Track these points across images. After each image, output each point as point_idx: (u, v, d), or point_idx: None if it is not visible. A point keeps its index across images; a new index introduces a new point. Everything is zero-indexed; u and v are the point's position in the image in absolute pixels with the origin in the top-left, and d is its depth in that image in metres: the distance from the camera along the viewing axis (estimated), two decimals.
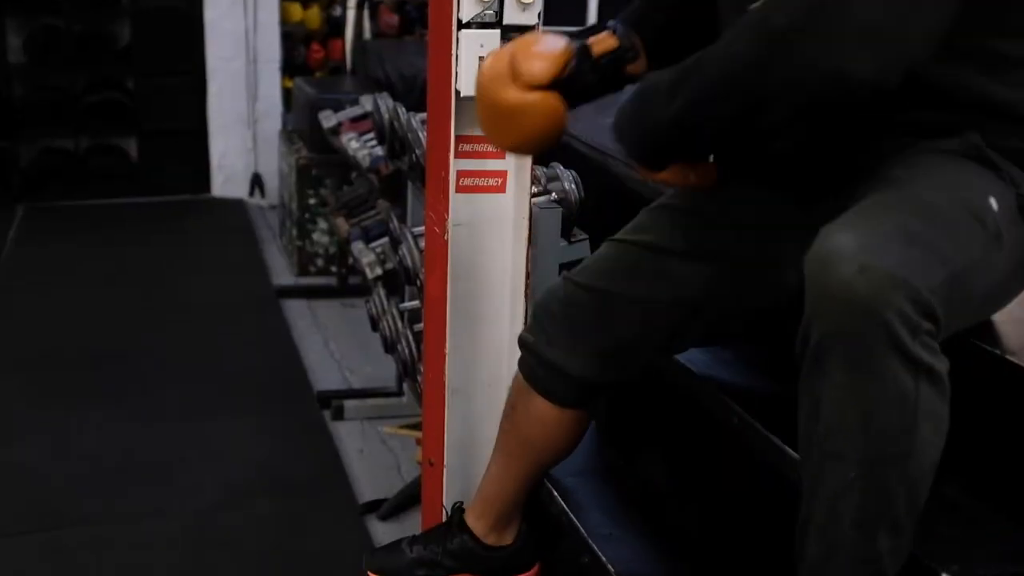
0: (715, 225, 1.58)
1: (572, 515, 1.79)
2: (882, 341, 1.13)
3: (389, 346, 2.85)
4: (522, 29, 1.67)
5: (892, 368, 1.14)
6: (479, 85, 1.52)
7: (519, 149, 1.63)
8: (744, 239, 1.56)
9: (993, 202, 1.32)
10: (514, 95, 1.47)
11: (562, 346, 1.62)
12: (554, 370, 1.63)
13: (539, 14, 1.66)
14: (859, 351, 1.15)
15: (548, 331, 1.64)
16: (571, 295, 1.62)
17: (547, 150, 1.62)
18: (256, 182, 5.95)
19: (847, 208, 1.27)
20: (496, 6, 1.62)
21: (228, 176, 6.02)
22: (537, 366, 1.64)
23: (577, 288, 1.62)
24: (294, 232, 4.75)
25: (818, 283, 1.17)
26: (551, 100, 1.47)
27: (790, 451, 1.42)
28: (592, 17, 6.07)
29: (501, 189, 1.83)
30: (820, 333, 1.18)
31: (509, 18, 1.64)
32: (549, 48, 1.48)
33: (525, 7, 1.64)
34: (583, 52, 1.48)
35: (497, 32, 1.64)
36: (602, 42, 1.51)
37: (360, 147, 3.47)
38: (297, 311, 4.31)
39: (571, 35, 1.53)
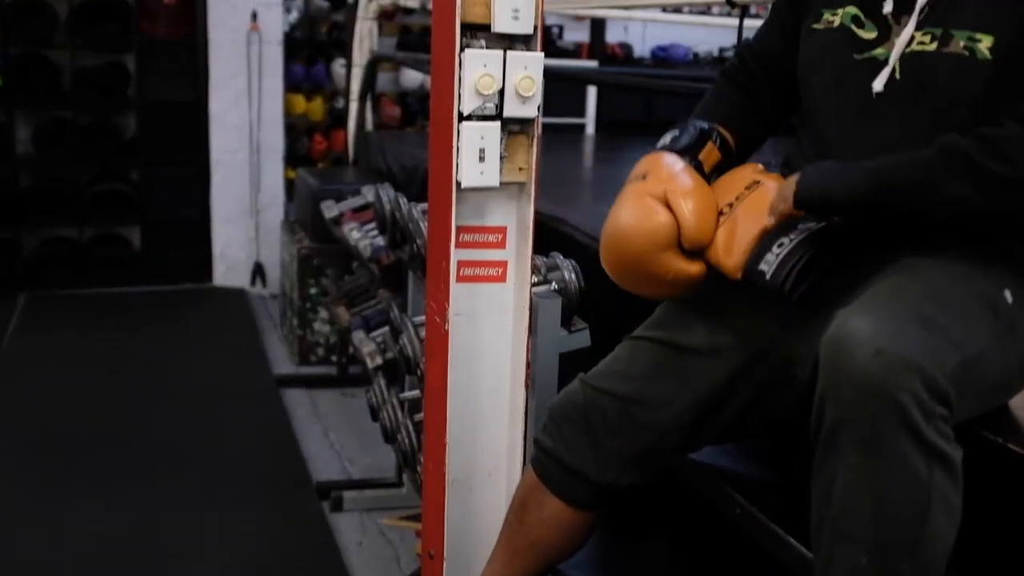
0: (733, 319, 1.58)
1: None
2: (895, 424, 1.13)
3: (389, 436, 2.83)
4: (522, 122, 1.69)
5: (905, 451, 1.13)
6: (624, 242, 1.51)
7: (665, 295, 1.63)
8: (763, 331, 1.56)
9: (1008, 293, 1.33)
10: (679, 265, 1.49)
11: (582, 451, 1.60)
12: (573, 474, 1.61)
13: (538, 107, 1.68)
14: (873, 433, 1.14)
15: (566, 435, 1.62)
16: (591, 400, 1.61)
17: None
18: (258, 271, 5.98)
19: (860, 291, 1.28)
20: (496, 99, 1.64)
21: (230, 266, 6.05)
22: (554, 469, 1.63)
23: (597, 393, 1.60)
24: (295, 321, 4.76)
25: (833, 366, 1.18)
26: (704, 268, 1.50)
27: (793, 542, 1.40)
28: (591, 110, 6.16)
29: (501, 279, 1.84)
30: (834, 415, 1.18)
31: (509, 111, 1.66)
32: (707, 204, 1.48)
33: (525, 100, 1.66)
34: (699, 170, 1.51)
35: (497, 124, 1.66)
36: (709, 155, 1.53)
37: (361, 237, 3.49)
38: (297, 400, 4.29)
39: (675, 148, 1.55)
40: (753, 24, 2.79)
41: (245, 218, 6.00)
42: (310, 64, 6.62)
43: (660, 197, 1.49)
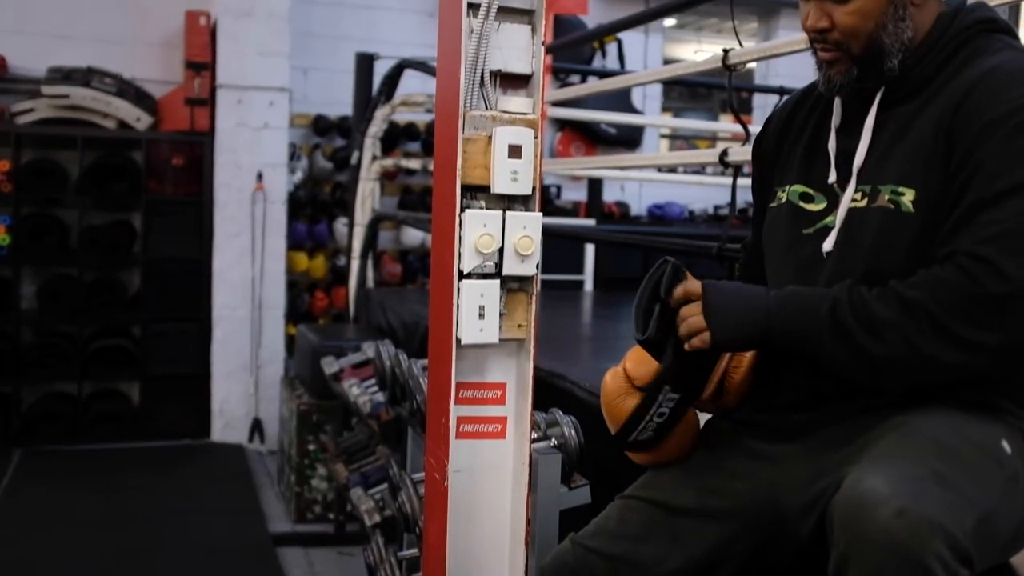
0: (724, 479, 1.58)
1: None
2: None
3: None
4: (521, 280, 1.72)
5: None
6: (603, 406, 1.68)
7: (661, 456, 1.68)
8: (754, 490, 1.56)
9: (1006, 445, 1.34)
10: (633, 402, 1.61)
11: None
12: None
13: (537, 265, 1.72)
14: None
15: None
16: (581, 559, 1.60)
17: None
18: (256, 427, 5.95)
19: (861, 452, 1.29)
20: (496, 258, 1.68)
21: (228, 421, 6.03)
22: None
23: (588, 553, 1.60)
24: (292, 478, 4.71)
25: (853, 527, 1.17)
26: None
27: None
28: (589, 267, 6.25)
29: (501, 435, 1.84)
30: None
31: (508, 269, 1.69)
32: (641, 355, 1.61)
33: (524, 259, 1.69)
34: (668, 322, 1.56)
35: (497, 282, 1.69)
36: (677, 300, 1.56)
37: (361, 393, 3.50)
38: (293, 559, 4.20)
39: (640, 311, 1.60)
40: (746, 183, 2.85)
41: (245, 374, 6.01)
42: (313, 222, 6.75)
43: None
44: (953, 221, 1.37)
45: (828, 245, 1.53)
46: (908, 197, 1.44)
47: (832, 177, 1.57)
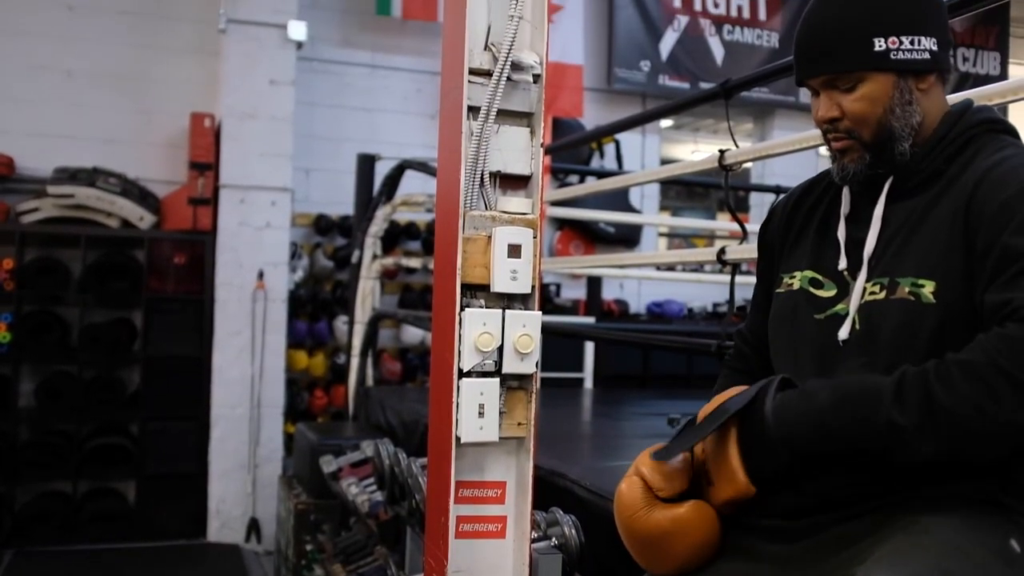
0: None
1: None
2: None
3: None
4: (520, 378, 1.72)
5: None
6: (620, 521, 1.62)
7: (686, 568, 1.61)
8: None
9: (1015, 544, 1.33)
10: (662, 513, 1.56)
11: None
12: None
13: (537, 363, 1.72)
14: None
15: None
16: None
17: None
18: (253, 527, 5.88)
19: (869, 550, 1.28)
20: (495, 356, 1.68)
21: (225, 521, 5.96)
22: None
23: None
24: None
25: None
26: (703, 509, 1.55)
27: None
28: (589, 365, 6.24)
29: (501, 535, 1.82)
30: None
31: (508, 367, 1.69)
32: (665, 466, 1.58)
33: (523, 357, 1.70)
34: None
35: (496, 380, 1.69)
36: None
37: (360, 492, 3.47)
38: None
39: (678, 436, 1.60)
40: (744, 280, 2.88)
41: (242, 472, 5.96)
42: (313, 321, 6.77)
43: (632, 471, 1.64)
44: (999, 286, 1.37)
45: (844, 333, 1.53)
46: (928, 288, 1.45)
47: (842, 264, 1.59)
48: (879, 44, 1.52)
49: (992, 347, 1.31)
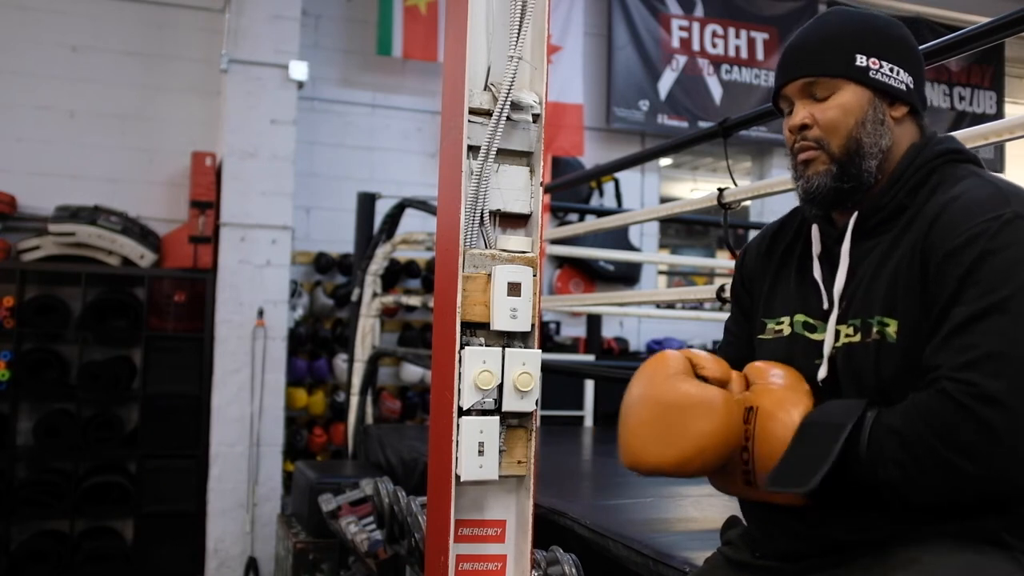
0: None
1: None
2: None
3: None
4: (520, 416, 1.73)
5: None
6: (644, 380, 1.55)
7: (686, 463, 1.50)
8: None
9: None
10: (694, 387, 1.51)
11: None
12: None
13: (536, 401, 1.72)
14: None
15: None
16: None
17: (710, 471, 1.55)
18: (251, 567, 5.84)
19: None
20: (495, 394, 1.68)
21: (223, 560, 5.92)
22: None
23: None
24: None
25: None
26: (734, 405, 1.50)
27: None
28: (589, 403, 6.23)
29: (501, 573, 1.81)
30: None
31: (508, 405, 1.69)
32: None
33: (523, 395, 1.70)
34: None
35: (496, 419, 1.69)
36: None
37: (359, 531, 3.45)
38: None
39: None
40: None
41: (241, 511, 5.93)
42: (313, 358, 6.76)
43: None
44: (934, 346, 1.38)
45: (822, 373, 1.54)
46: (892, 328, 1.45)
47: (826, 305, 1.59)
48: (861, 60, 1.56)
49: (918, 416, 1.34)
